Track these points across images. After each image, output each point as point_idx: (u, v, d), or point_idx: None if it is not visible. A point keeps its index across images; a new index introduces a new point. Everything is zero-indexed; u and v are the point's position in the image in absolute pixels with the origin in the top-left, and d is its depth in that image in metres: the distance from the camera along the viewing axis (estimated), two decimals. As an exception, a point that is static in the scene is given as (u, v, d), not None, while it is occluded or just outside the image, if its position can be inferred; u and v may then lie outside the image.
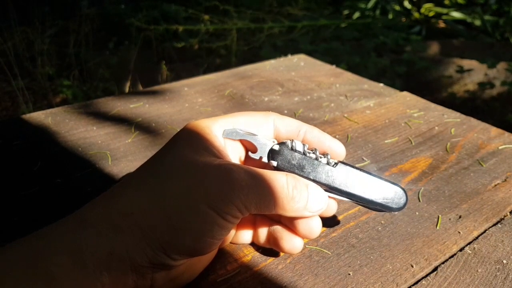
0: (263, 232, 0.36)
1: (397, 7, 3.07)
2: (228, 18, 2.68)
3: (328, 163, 0.33)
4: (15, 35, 2.26)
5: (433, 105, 0.64)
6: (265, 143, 0.34)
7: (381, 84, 0.71)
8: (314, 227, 0.33)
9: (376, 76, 2.15)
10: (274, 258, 0.36)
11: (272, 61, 0.81)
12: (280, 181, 0.31)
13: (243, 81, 0.72)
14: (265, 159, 0.33)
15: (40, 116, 0.59)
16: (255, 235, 0.36)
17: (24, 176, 0.46)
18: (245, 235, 0.37)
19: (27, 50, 2.24)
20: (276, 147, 0.33)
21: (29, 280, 0.25)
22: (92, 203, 0.30)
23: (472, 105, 2.08)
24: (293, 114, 0.61)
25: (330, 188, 0.33)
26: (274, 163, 0.33)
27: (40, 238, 0.28)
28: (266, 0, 3.07)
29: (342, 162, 0.34)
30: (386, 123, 0.59)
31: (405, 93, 0.68)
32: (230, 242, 0.37)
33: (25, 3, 2.49)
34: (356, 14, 3.04)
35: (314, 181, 0.33)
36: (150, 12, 2.65)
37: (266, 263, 0.35)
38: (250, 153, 0.34)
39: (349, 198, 0.34)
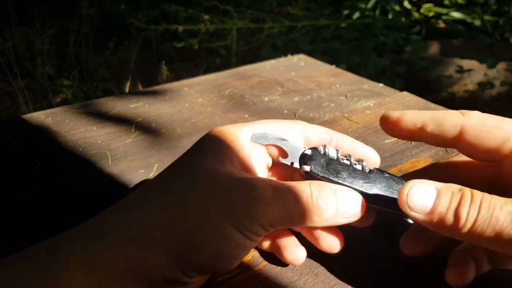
0: (267, 238, 0.35)
1: (397, 7, 3.07)
2: (228, 18, 2.68)
3: (363, 170, 0.32)
4: (15, 35, 2.26)
5: (433, 105, 0.64)
6: (296, 148, 0.33)
7: (381, 84, 0.71)
8: (336, 244, 0.32)
9: (376, 76, 2.15)
10: (274, 258, 0.36)
11: (272, 61, 0.81)
12: (304, 192, 0.29)
13: (243, 81, 0.72)
14: (296, 165, 0.32)
15: (40, 116, 0.59)
16: (262, 242, 0.35)
17: (24, 176, 0.46)
18: None
19: (27, 50, 2.24)
20: (309, 152, 0.32)
21: None
22: (109, 212, 0.29)
23: (472, 105, 2.08)
24: (293, 114, 0.61)
25: (367, 196, 0.31)
26: (307, 168, 0.31)
27: (54, 246, 0.27)
28: (266, 0, 3.07)
29: (378, 169, 0.32)
30: (386, 123, 0.59)
31: (405, 93, 0.68)
32: None
33: (25, 3, 2.49)
34: (356, 14, 3.04)
35: (350, 188, 0.31)
36: (150, 12, 2.65)
37: (266, 263, 0.35)
38: (280, 159, 0.33)
39: (386, 207, 0.31)
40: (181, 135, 0.55)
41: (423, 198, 0.27)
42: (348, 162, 0.32)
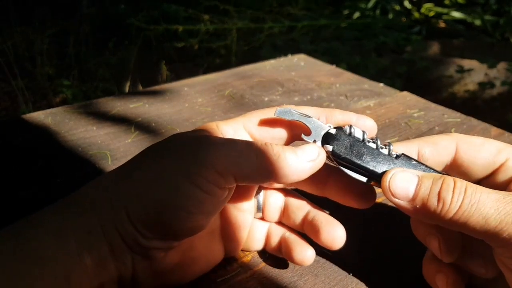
0: (275, 239, 0.35)
1: (397, 7, 3.07)
2: (228, 18, 2.68)
3: (389, 154, 0.30)
4: (15, 35, 2.26)
5: (433, 105, 0.64)
6: (320, 126, 0.31)
7: (381, 84, 0.71)
8: (337, 237, 0.32)
9: (376, 76, 2.14)
10: (274, 258, 0.36)
11: (272, 61, 0.81)
12: (253, 145, 0.28)
13: (243, 81, 0.72)
14: (319, 143, 0.31)
15: (40, 116, 0.59)
16: (267, 242, 0.35)
17: (24, 176, 0.46)
18: (257, 242, 0.35)
19: (27, 50, 2.24)
20: (333, 131, 0.31)
21: (16, 258, 0.26)
22: (76, 191, 0.30)
23: (472, 105, 2.08)
24: (293, 114, 0.61)
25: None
26: (329, 148, 0.30)
27: (28, 220, 0.28)
28: (266, 0, 3.07)
29: (405, 155, 0.31)
30: (386, 123, 0.59)
31: (405, 93, 0.68)
32: (241, 250, 0.36)
33: (25, 3, 2.49)
34: (356, 14, 3.04)
35: (373, 172, 0.30)
36: (150, 12, 2.65)
37: (266, 263, 0.35)
38: (303, 135, 0.31)
39: None
40: (181, 135, 0.55)
41: (405, 185, 0.27)
42: (374, 145, 0.31)
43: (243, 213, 0.34)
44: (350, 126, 0.31)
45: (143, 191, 0.27)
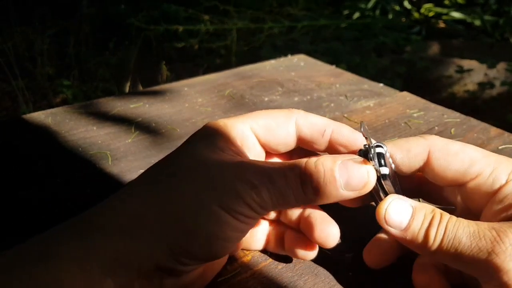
0: (276, 238, 0.35)
1: (397, 7, 3.07)
2: (228, 18, 2.68)
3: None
4: (15, 35, 2.26)
5: (433, 105, 0.64)
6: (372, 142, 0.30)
7: (381, 84, 0.71)
8: (331, 234, 0.31)
9: (376, 76, 2.14)
10: (274, 258, 0.36)
11: (272, 61, 0.81)
12: (295, 170, 0.28)
13: (243, 81, 0.72)
14: (375, 162, 0.29)
15: (40, 116, 0.59)
16: (268, 242, 0.35)
17: (24, 176, 0.46)
18: (257, 241, 0.35)
19: (27, 50, 2.24)
20: (383, 150, 0.30)
21: (37, 285, 0.24)
22: (101, 206, 0.29)
23: (472, 105, 2.08)
24: (293, 114, 0.61)
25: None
26: (385, 171, 0.29)
27: (47, 240, 0.27)
28: (266, 0, 3.07)
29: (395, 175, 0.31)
30: (386, 123, 0.59)
31: (405, 93, 0.68)
32: (242, 249, 0.36)
33: (25, 3, 2.49)
34: (356, 14, 3.04)
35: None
36: (150, 12, 2.65)
37: (266, 263, 0.35)
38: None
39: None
40: (181, 135, 0.55)
41: (400, 216, 0.28)
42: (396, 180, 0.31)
43: None
44: (382, 145, 0.30)
45: (191, 224, 0.27)
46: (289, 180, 0.28)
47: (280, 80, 0.72)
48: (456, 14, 2.89)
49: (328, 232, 0.32)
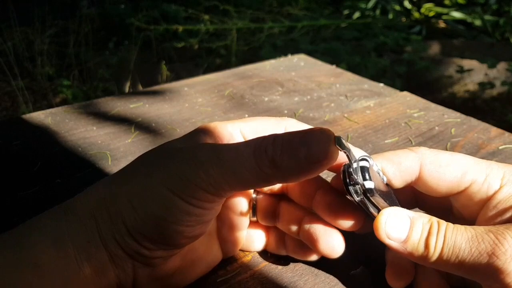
0: (276, 239, 0.34)
1: (397, 7, 3.07)
2: (228, 18, 2.68)
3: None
4: (15, 35, 2.26)
5: (433, 105, 0.64)
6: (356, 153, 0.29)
7: (381, 84, 0.71)
8: (336, 246, 0.31)
9: (376, 76, 2.14)
10: (274, 258, 0.36)
11: (272, 61, 0.81)
12: (249, 143, 0.27)
13: (243, 81, 0.72)
14: (357, 176, 0.28)
15: (40, 116, 0.59)
16: (268, 243, 0.35)
17: (24, 176, 0.46)
18: (257, 243, 0.35)
19: (27, 50, 2.24)
20: (367, 164, 0.28)
21: (15, 266, 0.25)
22: (79, 194, 0.30)
23: (472, 105, 2.08)
24: (293, 114, 0.61)
25: None
26: (369, 185, 0.28)
27: (26, 227, 0.28)
28: (266, 0, 3.07)
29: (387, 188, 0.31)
30: (386, 123, 0.59)
31: (405, 93, 0.68)
32: (240, 250, 0.36)
33: (25, 3, 2.49)
34: (356, 14, 3.04)
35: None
36: (150, 12, 2.65)
37: (266, 263, 0.35)
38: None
39: None
40: (181, 135, 0.55)
41: (399, 229, 0.28)
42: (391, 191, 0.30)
43: (239, 215, 0.34)
44: (367, 158, 0.29)
45: (139, 205, 0.27)
46: (240, 153, 0.26)
47: (280, 80, 0.72)
48: (456, 14, 2.89)
49: (333, 243, 0.31)
